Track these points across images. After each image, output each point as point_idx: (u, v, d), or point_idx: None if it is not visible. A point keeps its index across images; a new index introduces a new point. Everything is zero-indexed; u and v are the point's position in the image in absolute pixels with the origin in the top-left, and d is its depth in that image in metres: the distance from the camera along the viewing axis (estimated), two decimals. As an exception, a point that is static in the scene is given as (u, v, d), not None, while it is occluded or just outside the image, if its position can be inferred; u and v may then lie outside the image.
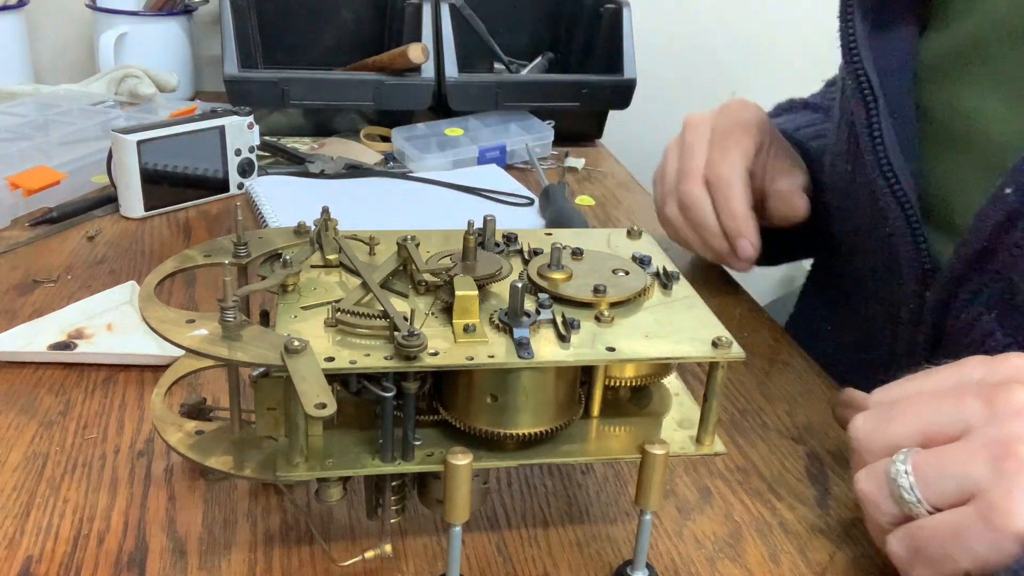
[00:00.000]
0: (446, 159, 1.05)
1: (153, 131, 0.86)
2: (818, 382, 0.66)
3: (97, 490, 0.50)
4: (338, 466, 0.41)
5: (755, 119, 0.75)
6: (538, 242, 0.51)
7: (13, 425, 0.55)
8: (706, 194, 0.73)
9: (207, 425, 0.46)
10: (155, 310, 0.42)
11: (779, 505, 0.53)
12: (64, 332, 0.64)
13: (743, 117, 0.75)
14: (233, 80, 1.05)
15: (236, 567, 0.45)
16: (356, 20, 1.26)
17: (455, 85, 1.12)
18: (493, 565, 0.47)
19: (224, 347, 0.39)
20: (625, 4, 1.19)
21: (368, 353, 0.39)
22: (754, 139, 0.74)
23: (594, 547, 0.48)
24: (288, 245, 0.49)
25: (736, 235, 0.72)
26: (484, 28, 1.23)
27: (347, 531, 0.48)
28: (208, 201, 0.93)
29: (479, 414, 0.42)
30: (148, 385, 0.60)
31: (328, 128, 1.16)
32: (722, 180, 0.72)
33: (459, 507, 0.40)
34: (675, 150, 0.78)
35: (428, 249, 0.48)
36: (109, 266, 0.77)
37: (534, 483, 0.53)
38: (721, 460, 0.57)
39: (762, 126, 0.76)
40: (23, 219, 0.85)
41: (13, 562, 0.45)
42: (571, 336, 0.41)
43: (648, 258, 0.49)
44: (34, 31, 1.32)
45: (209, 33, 1.38)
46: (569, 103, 1.15)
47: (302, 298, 0.44)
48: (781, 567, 0.48)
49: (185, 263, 0.47)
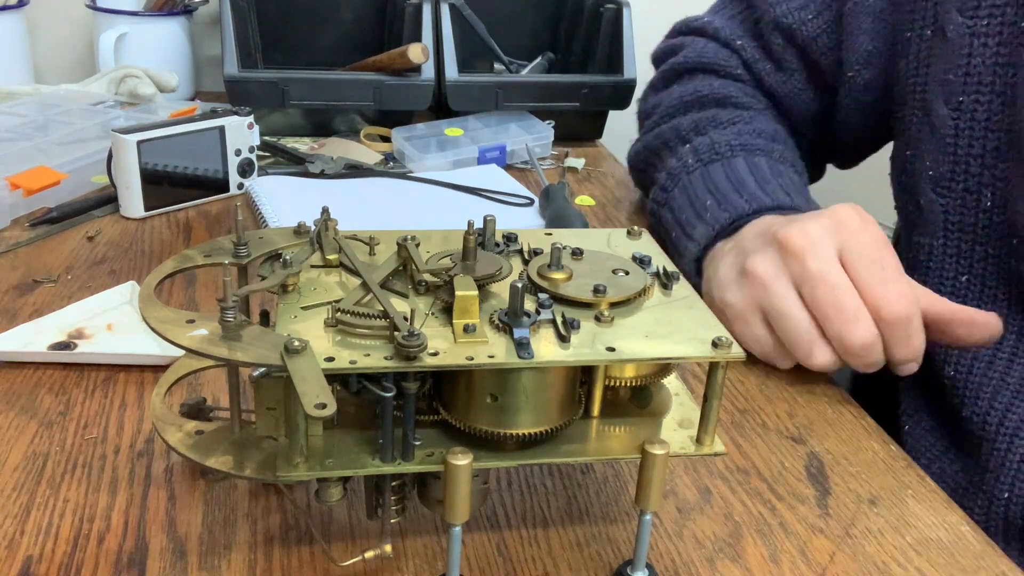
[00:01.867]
0: (446, 159, 1.05)
1: (153, 131, 0.86)
2: (818, 382, 0.66)
3: (97, 490, 0.50)
4: (338, 466, 0.41)
5: (881, 232, 0.63)
6: (538, 242, 0.51)
7: (13, 425, 0.55)
8: (879, 337, 0.60)
9: (207, 425, 0.46)
10: (155, 310, 0.42)
11: (779, 505, 0.53)
12: (64, 332, 0.64)
13: (876, 230, 0.62)
14: (233, 80, 1.05)
15: (236, 567, 0.45)
16: (356, 20, 1.26)
17: (455, 85, 1.12)
18: (493, 565, 0.47)
19: (224, 347, 0.39)
20: (625, 4, 1.19)
21: (368, 353, 0.39)
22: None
23: (594, 547, 0.48)
24: (288, 245, 0.49)
25: (908, 362, 0.62)
26: (484, 28, 1.23)
27: (347, 531, 0.48)
28: (208, 201, 0.93)
29: (479, 414, 0.42)
30: (148, 385, 0.60)
31: (328, 128, 1.16)
32: (902, 320, 0.60)
33: (459, 507, 0.40)
34: (789, 286, 0.62)
35: (428, 249, 0.48)
36: (109, 266, 0.77)
37: (534, 483, 0.53)
38: (721, 460, 0.57)
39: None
40: (23, 219, 0.85)
41: (13, 562, 0.45)
42: (571, 336, 0.41)
43: (648, 258, 0.49)
44: (34, 31, 1.32)
45: (209, 33, 1.38)
46: (569, 103, 1.15)
47: (302, 298, 0.44)
48: (781, 567, 0.48)
49: (185, 263, 0.47)
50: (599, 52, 1.22)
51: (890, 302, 0.59)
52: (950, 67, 0.69)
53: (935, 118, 0.71)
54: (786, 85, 0.86)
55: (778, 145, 0.80)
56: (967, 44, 0.68)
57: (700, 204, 0.73)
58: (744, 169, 0.75)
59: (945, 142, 0.70)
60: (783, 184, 0.73)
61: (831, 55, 0.82)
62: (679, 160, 0.80)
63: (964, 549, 0.50)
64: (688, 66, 0.91)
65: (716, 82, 0.88)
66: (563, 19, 1.31)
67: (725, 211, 0.71)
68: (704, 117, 0.84)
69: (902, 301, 0.60)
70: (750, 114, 0.84)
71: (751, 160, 0.76)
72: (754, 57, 0.88)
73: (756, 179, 0.73)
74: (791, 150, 0.81)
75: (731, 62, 0.89)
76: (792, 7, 0.83)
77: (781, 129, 0.84)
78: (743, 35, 0.89)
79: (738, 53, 0.89)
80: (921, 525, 0.52)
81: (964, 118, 0.69)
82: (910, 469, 0.57)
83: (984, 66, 0.67)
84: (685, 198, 0.76)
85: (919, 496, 0.55)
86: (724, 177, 0.74)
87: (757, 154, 0.77)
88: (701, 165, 0.78)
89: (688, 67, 0.91)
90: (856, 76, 0.80)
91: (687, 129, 0.84)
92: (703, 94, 0.86)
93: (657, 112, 0.91)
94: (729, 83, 0.88)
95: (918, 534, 0.51)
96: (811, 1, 0.82)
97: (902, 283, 0.60)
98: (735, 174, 0.74)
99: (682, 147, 0.83)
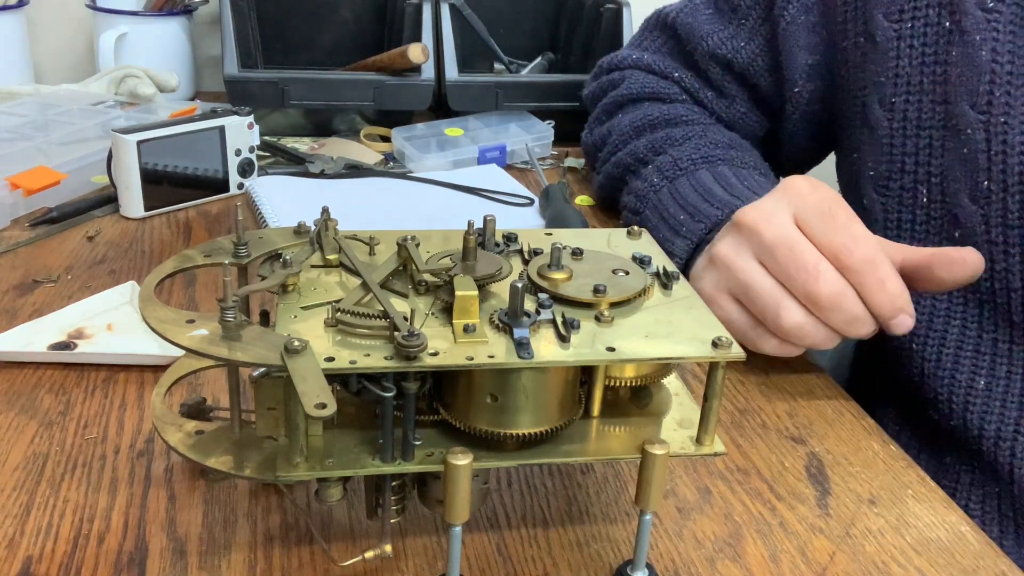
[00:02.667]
0: (446, 159, 1.05)
1: (153, 131, 0.86)
2: (818, 382, 0.66)
3: (97, 490, 0.50)
4: (338, 466, 0.41)
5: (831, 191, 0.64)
6: (538, 242, 0.51)
7: (13, 425, 0.55)
8: (848, 286, 0.60)
9: (207, 425, 0.46)
10: (155, 310, 0.42)
11: (779, 505, 0.53)
12: (64, 332, 0.64)
13: (827, 190, 0.63)
14: (233, 80, 1.05)
15: (236, 567, 0.45)
16: (356, 20, 1.26)
17: (455, 85, 1.12)
18: (493, 565, 0.47)
19: (224, 347, 0.39)
20: (625, 4, 1.19)
21: (368, 353, 0.39)
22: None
23: (594, 547, 0.48)
24: (288, 245, 0.49)
25: (895, 314, 0.61)
26: (484, 28, 1.23)
27: (347, 531, 0.48)
28: (208, 201, 0.93)
29: (479, 414, 0.42)
30: (148, 385, 0.60)
31: (328, 128, 1.16)
32: (865, 262, 0.60)
33: (459, 507, 0.40)
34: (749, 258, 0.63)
35: (428, 249, 0.48)
36: (109, 266, 0.77)
37: (534, 483, 0.53)
38: (721, 460, 0.57)
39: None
40: (23, 219, 0.85)
41: (13, 562, 0.45)
42: (571, 336, 0.41)
43: (648, 258, 0.49)
44: (34, 31, 1.32)
45: (209, 33, 1.38)
46: (569, 103, 1.15)
47: (302, 298, 0.44)
48: (781, 567, 0.48)
49: (185, 263, 0.47)
50: (599, 52, 1.22)
51: (846, 246, 0.60)
52: (881, 70, 0.72)
53: (872, 119, 0.73)
54: (730, 110, 0.89)
55: (736, 151, 0.81)
56: (894, 47, 0.71)
57: (674, 220, 0.74)
58: (709, 179, 0.76)
59: (882, 142, 0.72)
60: (750, 185, 0.74)
61: (769, 76, 0.85)
62: (644, 181, 0.82)
63: (964, 549, 0.50)
64: (631, 96, 0.92)
65: (663, 107, 0.89)
66: (563, 19, 1.32)
67: (700, 222, 0.72)
68: (658, 138, 0.85)
69: (859, 244, 0.60)
70: (702, 128, 0.85)
71: (715, 170, 0.77)
72: (695, 86, 0.90)
73: (723, 186, 0.74)
74: (749, 153, 0.83)
75: (673, 90, 0.90)
76: (723, 38, 0.85)
77: (736, 136, 0.85)
78: (678, 67, 0.91)
79: (678, 84, 0.90)
80: (921, 525, 0.52)
81: (897, 118, 0.71)
82: (910, 469, 0.57)
83: (911, 67, 0.70)
84: (658, 217, 0.77)
85: (919, 496, 0.55)
86: (692, 190, 0.76)
87: (719, 164, 0.78)
88: (667, 182, 0.79)
89: (632, 97, 0.92)
90: (801, 91, 0.82)
91: (644, 151, 0.85)
92: (653, 117, 0.88)
93: (610, 142, 0.91)
94: (676, 105, 0.89)
95: (918, 534, 0.51)
96: (740, 29, 0.85)
97: (856, 227, 0.60)
98: (702, 185, 0.75)
99: (644, 168, 0.84)
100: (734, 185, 0.74)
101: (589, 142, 0.97)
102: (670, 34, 0.92)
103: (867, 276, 0.59)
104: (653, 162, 0.83)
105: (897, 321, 0.61)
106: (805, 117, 0.84)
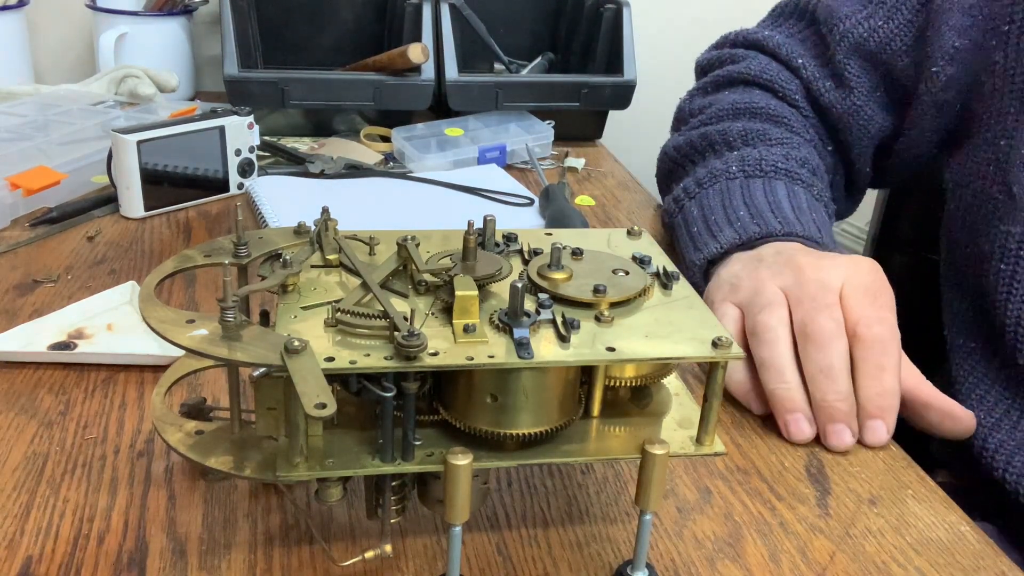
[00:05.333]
0: (446, 159, 1.05)
1: (153, 131, 0.87)
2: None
3: (97, 490, 0.50)
4: (338, 466, 0.41)
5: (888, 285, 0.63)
6: (538, 242, 0.51)
7: (13, 425, 0.55)
8: (847, 358, 0.58)
9: (207, 425, 0.46)
10: (155, 310, 0.42)
11: (779, 505, 0.53)
12: (64, 332, 0.64)
13: (885, 280, 0.62)
14: (233, 80, 1.05)
15: (236, 567, 0.45)
16: (356, 20, 1.26)
17: (455, 85, 1.12)
18: (493, 565, 0.47)
19: (224, 347, 0.39)
20: (625, 4, 1.19)
21: (368, 353, 0.39)
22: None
23: (594, 547, 0.49)
24: (288, 245, 0.49)
25: (875, 416, 0.58)
26: (484, 28, 1.23)
27: (347, 531, 0.48)
28: (208, 201, 0.93)
29: (479, 414, 0.42)
30: (148, 385, 0.60)
31: (328, 128, 1.16)
32: (878, 341, 0.58)
33: (459, 507, 0.40)
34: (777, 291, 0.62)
35: (428, 249, 0.48)
36: (109, 266, 0.77)
37: (534, 483, 0.53)
38: (721, 460, 0.57)
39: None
40: (23, 219, 0.85)
41: (13, 562, 0.45)
42: (571, 336, 0.41)
43: (648, 258, 0.49)
44: (34, 31, 1.32)
45: (209, 33, 1.38)
46: (569, 103, 1.15)
47: (302, 298, 0.44)
48: (781, 567, 0.48)
49: (185, 263, 0.47)
50: (599, 52, 1.22)
51: (870, 319, 0.59)
52: None
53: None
54: (846, 102, 0.86)
55: (818, 182, 0.81)
56: None
57: (732, 211, 0.74)
58: (783, 193, 0.76)
59: None
60: (816, 219, 0.74)
61: (905, 57, 0.83)
62: (723, 163, 0.81)
63: (964, 549, 0.50)
64: (747, 77, 0.91)
65: (773, 101, 0.88)
66: (563, 19, 1.32)
67: (756, 225, 0.71)
68: (755, 128, 0.84)
69: (883, 325, 0.59)
70: (799, 140, 0.84)
71: (791, 187, 0.77)
72: (814, 76, 0.88)
73: (792, 206, 0.74)
74: (827, 190, 0.82)
75: (790, 86, 0.89)
76: (861, 18, 0.84)
77: (822, 166, 0.85)
78: (804, 54, 0.89)
79: (798, 73, 0.89)
80: (921, 525, 0.52)
81: None
82: (910, 469, 0.57)
83: None
84: (719, 200, 0.77)
85: (919, 496, 0.55)
86: (763, 194, 0.75)
87: (798, 184, 0.78)
88: (743, 176, 0.79)
89: (746, 78, 0.91)
90: (939, 72, 0.80)
91: (736, 136, 0.84)
92: (759, 106, 0.87)
93: (706, 112, 0.90)
94: (786, 106, 0.88)
95: (918, 534, 0.51)
96: (879, 8, 0.83)
97: (889, 315, 0.60)
98: (774, 195, 0.75)
99: (728, 152, 0.83)
100: (803, 210, 0.74)
101: (686, 109, 0.96)
102: (808, 21, 0.90)
103: (872, 354, 0.58)
104: (740, 150, 0.82)
105: (873, 426, 0.58)
106: (935, 103, 0.82)
